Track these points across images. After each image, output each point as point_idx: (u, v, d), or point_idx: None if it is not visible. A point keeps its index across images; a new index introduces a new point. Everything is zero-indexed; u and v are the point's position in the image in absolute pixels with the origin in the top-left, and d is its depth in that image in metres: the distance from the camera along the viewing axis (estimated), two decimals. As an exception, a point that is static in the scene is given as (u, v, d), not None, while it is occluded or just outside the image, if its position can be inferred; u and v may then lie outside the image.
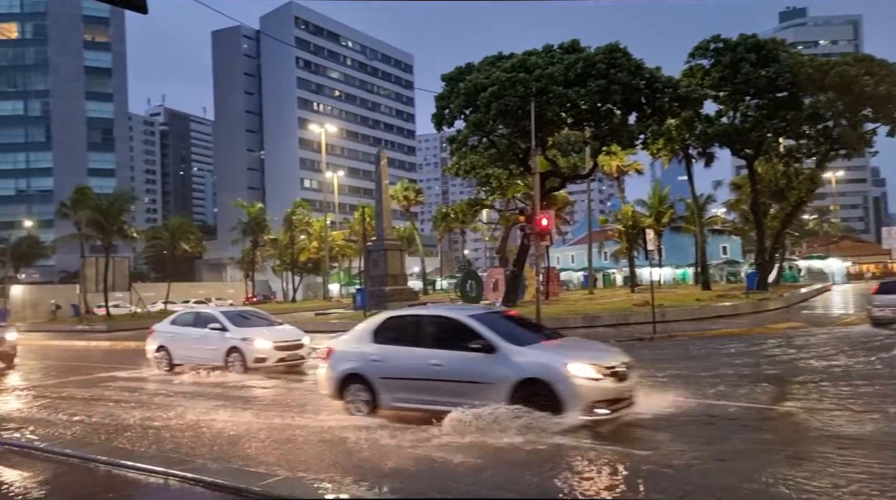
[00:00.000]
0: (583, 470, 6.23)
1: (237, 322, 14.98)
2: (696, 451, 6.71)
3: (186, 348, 15.20)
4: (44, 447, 7.89)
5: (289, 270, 69.76)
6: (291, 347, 14.68)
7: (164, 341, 15.74)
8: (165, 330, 16.06)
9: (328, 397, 9.33)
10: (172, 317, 16.73)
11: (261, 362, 14.14)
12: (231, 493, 5.80)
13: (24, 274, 73.08)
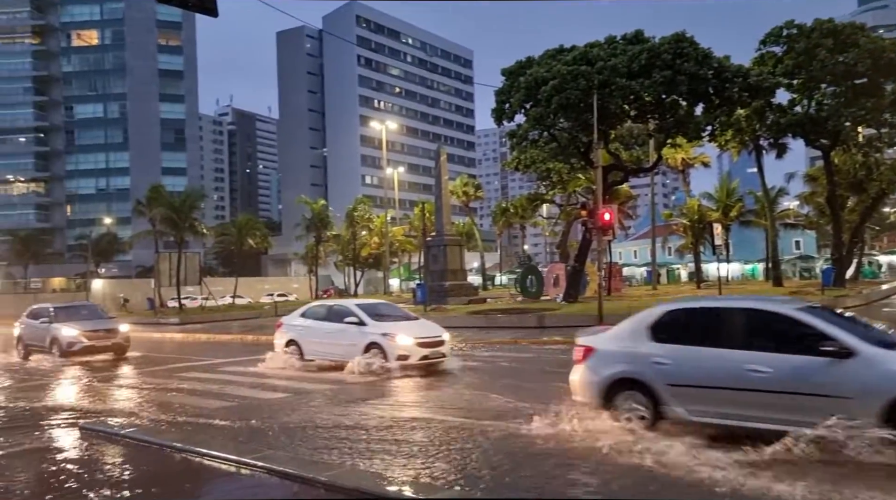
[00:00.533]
0: None
1: (374, 316, 14.15)
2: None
3: (319, 342, 14.42)
4: (129, 434, 8.29)
5: (350, 265, 70.93)
6: (433, 343, 13.69)
7: (294, 335, 14.99)
8: (296, 324, 15.29)
9: (587, 405, 7.80)
10: (302, 310, 15.90)
11: (403, 360, 13.22)
12: (298, 481, 5.96)
13: (104, 269, 77.08)
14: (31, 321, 19.73)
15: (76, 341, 17.87)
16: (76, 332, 17.99)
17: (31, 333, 19.58)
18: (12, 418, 10.37)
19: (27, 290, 69.02)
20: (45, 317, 18.96)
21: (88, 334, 18.07)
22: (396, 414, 9.32)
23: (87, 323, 18.63)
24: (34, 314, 19.95)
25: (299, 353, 14.67)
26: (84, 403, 11.62)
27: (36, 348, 19.25)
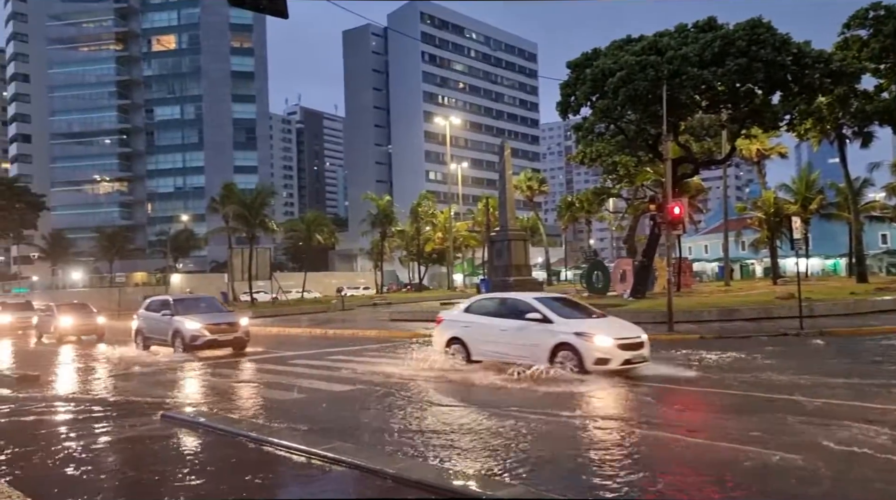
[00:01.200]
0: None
1: (559, 312, 12.25)
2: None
3: (492, 341, 12.54)
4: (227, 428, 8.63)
5: (415, 260, 71.62)
6: (635, 345, 11.73)
7: (458, 332, 13.21)
8: (460, 320, 13.48)
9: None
10: (467, 304, 14.09)
11: (602, 364, 11.22)
12: (367, 473, 6.06)
13: (182, 264, 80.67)
14: (152, 314, 19.28)
15: (199, 334, 17.18)
16: (199, 325, 17.30)
17: (151, 325, 19.14)
18: (113, 405, 10.99)
19: (112, 284, 72.95)
20: (167, 310, 18.33)
21: (211, 327, 17.38)
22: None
23: (209, 316, 17.99)
24: (154, 307, 19.51)
25: (465, 353, 12.96)
26: (176, 392, 12.18)
27: (157, 342, 18.76)
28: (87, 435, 8.36)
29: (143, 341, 19.37)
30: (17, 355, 21.54)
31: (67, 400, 11.35)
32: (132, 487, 6.33)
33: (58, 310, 25.90)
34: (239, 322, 17.97)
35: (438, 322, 14.22)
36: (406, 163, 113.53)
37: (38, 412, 10.15)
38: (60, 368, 16.96)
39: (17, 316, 31.01)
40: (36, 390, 12.41)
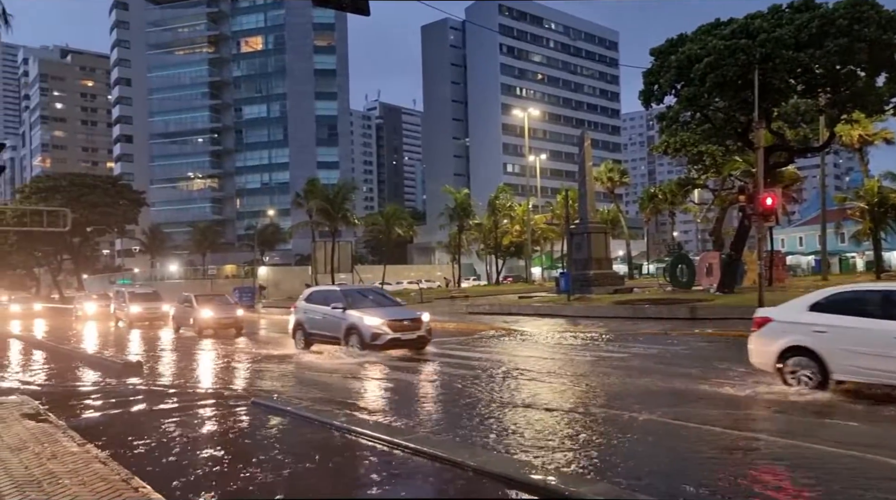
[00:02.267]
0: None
1: None
2: None
3: (872, 356, 8.35)
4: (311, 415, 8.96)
5: (492, 253, 71.51)
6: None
7: (806, 339, 8.99)
8: (800, 320, 9.26)
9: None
10: (811, 298, 9.59)
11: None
12: (448, 464, 6.13)
13: (268, 257, 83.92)
14: (318, 307, 16.25)
15: (381, 332, 14.34)
16: (379, 321, 14.50)
17: (315, 321, 16.20)
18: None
19: (205, 276, 76.89)
20: (338, 302, 15.48)
21: (393, 324, 14.59)
22: None
23: (389, 311, 15.35)
24: (318, 299, 16.58)
25: (818, 369, 8.81)
26: (292, 384, 12.72)
27: (322, 339, 16.01)
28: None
29: (304, 338, 16.52)
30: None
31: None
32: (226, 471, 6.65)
33: (197, 301, 23.94)
34: (421, 318, 15.06)
35: (761, 323, 9.90)
36: (484, 156, 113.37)
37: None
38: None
39: (146, 307, 29.62)
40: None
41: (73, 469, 5.86)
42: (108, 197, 71.64)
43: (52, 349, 19.76)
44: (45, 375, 14.67)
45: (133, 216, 76.93)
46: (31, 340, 24.28)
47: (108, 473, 5.75)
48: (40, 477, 5.65)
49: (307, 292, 18.03)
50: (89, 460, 6.20)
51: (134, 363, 14.47)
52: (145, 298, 30.69)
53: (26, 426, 7.79)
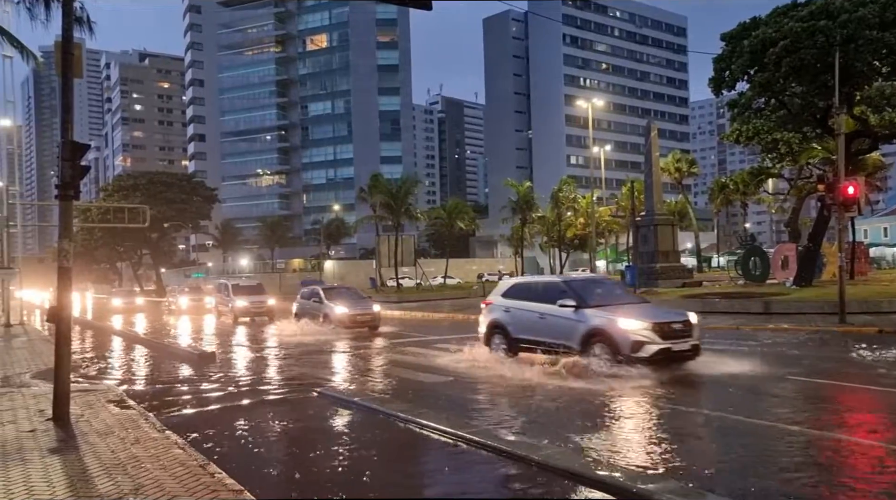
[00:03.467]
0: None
1: None
2: None
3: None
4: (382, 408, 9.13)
5: (555, 246, 70.72)
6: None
7: None
8: None
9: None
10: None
11: None
12: (513, 459, 6.12)
13: (333, 251, 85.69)
14: (532, 305, 11.94)
15: (645, 339, 10.23)
16: (640, 324, 10.40)
17: (530, 321, 11.88)
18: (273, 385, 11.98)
19: (274, 270, 79.26)
20: (566, 298, 11.23)
21: (660, 328, 10.43)
22: None
23: (643, 310, 11.33)
24: (530, 292, 12.20)
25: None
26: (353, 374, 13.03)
27: (542, 347, 11.55)
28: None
29: (505, 343, 12.33)
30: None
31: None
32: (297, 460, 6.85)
33: (326, 296, 21.18)
34: (691, 320, 10.93)
35: None
36: (546, 148, 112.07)
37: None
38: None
39: (252, 300, 26.80)
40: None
41: (154, 454, 6.17)
42: (184, 194, 74.63)
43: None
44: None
45: (206, 212, 79.88)
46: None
47: (186, 458, 6.03)
48: (125, 461, 5.98)
49: (506, 284, 13.50)
50: (169, 445, 6.52)
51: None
52: (250, 290, 28.12)
53: (112, 412, 8.25)
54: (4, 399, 9.38)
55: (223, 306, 27.78)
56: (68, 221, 8.26)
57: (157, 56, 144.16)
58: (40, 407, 8.54)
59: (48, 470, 5.75)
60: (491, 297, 13.45)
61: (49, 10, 9.70)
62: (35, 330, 23.94)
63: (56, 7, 9.48)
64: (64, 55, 8.17)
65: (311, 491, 5.70)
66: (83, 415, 8.03)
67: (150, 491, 5.10)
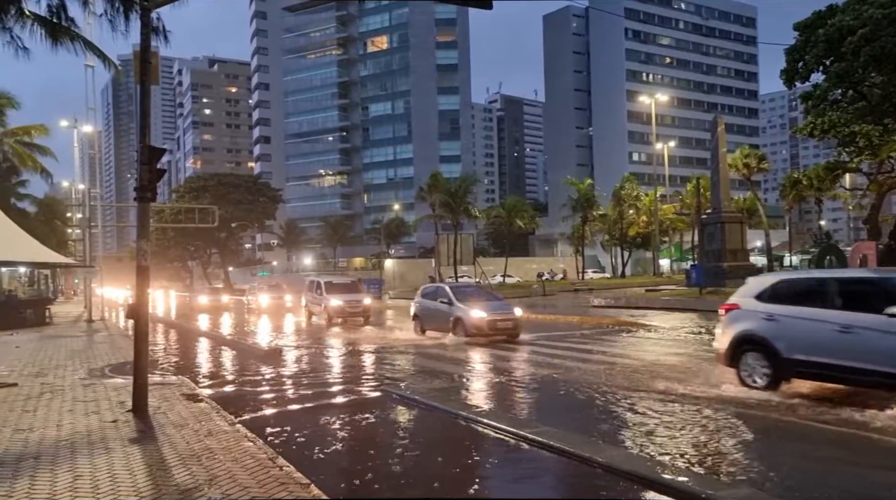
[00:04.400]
0: None
1: None
2: None
3: None
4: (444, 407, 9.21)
5: (617, 245, 69.45)
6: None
7: None
8: None
9: None
10: None
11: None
12: (576, 460, 6.06)
13: (393, 249, 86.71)
14: (841, 316, 8.12)
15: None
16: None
17: (830, 338, 8.19)
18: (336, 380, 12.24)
19: (336, 268, 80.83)
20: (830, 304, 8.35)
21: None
22: None
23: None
24: (835, 293, 8.46)
25: None
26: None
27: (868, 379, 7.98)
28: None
29: (770, 364, 8.87)
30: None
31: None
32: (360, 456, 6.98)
33: (457, 297, 17.74)
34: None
35: None
36: (608, 145, 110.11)
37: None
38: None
39: (347, 299, 23.94)
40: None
41: (226, 446, 6.41)
42: (250, 195, 77.13)
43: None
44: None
45: (271, 212, 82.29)
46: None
47: (256, 451, 6.23)
48: (199, 452, 6.24)
49: (764, 282, 9.71)
50: (240, 438, 6.75)
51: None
52: (345, 289, 25.24)
53: (186, 406, 8.61)
54: (89, 391, 9.93)
55: (315, 306, 25.25)
56: (146, 221, 8.67)
57: (225, 62, 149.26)
58: (121, 399, 9.00)
59: (129, 459, 6.06)
60: (738, 298, 9.80)
61: (128, 22, 10.18)
62: (115, 326, 25.19)
63: (134, 18, 9.95)
64: (142, 64, 8.57)
65: (372, 487, 5.80)
66: (160, 407, 8.42)
67: (223, 482, 5.30)
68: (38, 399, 9.27)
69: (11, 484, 5.38)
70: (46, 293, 31.60)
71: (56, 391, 9.89)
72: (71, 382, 10.87)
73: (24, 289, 28.76)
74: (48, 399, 9.25)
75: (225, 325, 27.09)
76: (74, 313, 32.56)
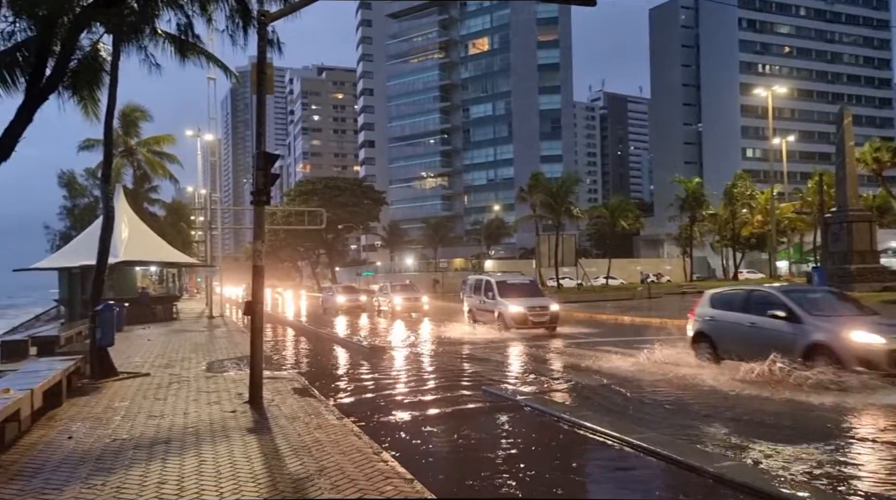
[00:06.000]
0: None
1: None
2: None
3: None
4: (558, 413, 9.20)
5: (729, 245, 66.01)
6: None
7: None
8: None
9: None
10: None
11: None
12: (684, 469, 5.84)
13: (493, 250, 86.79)
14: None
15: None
16: None
17: None
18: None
19: (437, 269, 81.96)
20: None
21: None
22: None
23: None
24: None
25: None
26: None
27: None
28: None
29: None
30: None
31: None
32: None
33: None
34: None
35: None
36: (718, 141, 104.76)
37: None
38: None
39: (529, 306, 19.93)
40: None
41: (334, 440, 6.69)
42: (355, 197, 79.80)
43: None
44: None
45: (375, 214, 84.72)
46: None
47: (362, 445, 6.46)
48: (309, 444, 6.55)
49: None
50: (346, 432, 7.02)
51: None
52: (524, 291, 21.97)
53: (297, 400, 9.06)
54: (210, 382, 10.66)
55: (484, 314, 21.12)
56: (261, 223, 9.20)
57: (332, 69, 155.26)
58: (238, 391, 9.60)
59: (247, 447, 6.47)
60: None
61: (246, 35, 10.85)
62: (233, 322, 26.85)
63: (252, 32, 10.60)
64: (259, 75, 9.10)
65: (473, 486, 5.85)
66: (273, 400, 8.90)
67: (332, 473, 5.54)
68: (167, 389, 10.07)
69: (147, 466, 5.89)
70: (173, 291, 34.15)
71: (182, 382, 10.70)
72: (195, 373, 11.72)
73: (154, 287, 31.23)
74: (175, 389, 10.02)
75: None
76: (197, 310, 35.00)
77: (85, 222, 34.52)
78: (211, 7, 10.94)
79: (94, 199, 40.54)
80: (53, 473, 5.73)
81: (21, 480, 5.55)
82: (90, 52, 11.08)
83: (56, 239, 43.33)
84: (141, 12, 10.62)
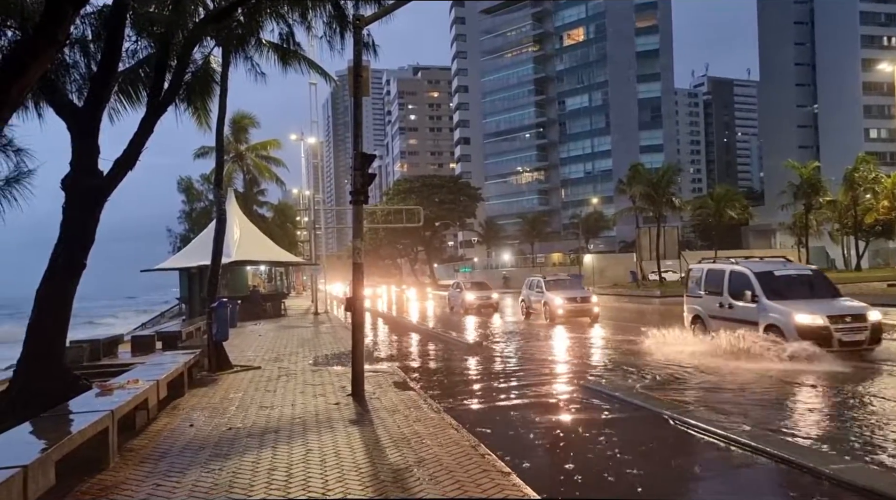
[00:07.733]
0: None
1: None
2: None
3: None
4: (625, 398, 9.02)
5: (851, 234, 61.23)
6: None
7: None
8: None
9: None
10: None
11: None
12: (796, 469, 5.52)
13: (592, 244, 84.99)
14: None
15: None
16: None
17: None
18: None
19: (534, 265, 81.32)
20: None
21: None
22: None
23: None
24: None
25: None
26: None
27: None
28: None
29: None
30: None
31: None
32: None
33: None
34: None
35: None
36: (837, 122, 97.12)
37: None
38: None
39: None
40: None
41: (432, 432, 6.83)
42: (451, 194, 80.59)
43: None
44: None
45: (471, 211, 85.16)
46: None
47: (459, 438, 6.56)
48: (409, 436, 6.72)
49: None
50: (444, 426, 7.14)
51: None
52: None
53: (396, 393, 9.31)
54: (316, 376, 11.16)
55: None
56: (360, 222, 9.51)
57: (427, 69, 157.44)
58: (342, 384, 9.99)
59: (350, 438, 6.73)
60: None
61: (343, 40, 11.25)
62: (336, 318, 27.89)
63: (348, 37, 10.97)
64: (355, 78, 9.42)
65: (572, 482, 5.79)
66: (374, 393, 9.19)
67: (430, 465, 5.67)
68: (276, 381, 10.64)
69: (258, 453, 6.27)
70: (282, 289, 35.92)
71: (290, 375, 11.27)
72: (302, 367, 12.30)
73: (264, 285, 32.99)
74: (284, 382, 10.57)
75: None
76: (303, 307, 36.61)
77: (201, 225, 36.94)
78: (310, 15, 11.42)
79: (209, 203, 43.32)
80: (177, 457, 6.21)
81: (149, 463, 6.06)
82: (202, 65, 11.87)
83: (177, 241, 46.70)
84: (247, 24, 11.27)
